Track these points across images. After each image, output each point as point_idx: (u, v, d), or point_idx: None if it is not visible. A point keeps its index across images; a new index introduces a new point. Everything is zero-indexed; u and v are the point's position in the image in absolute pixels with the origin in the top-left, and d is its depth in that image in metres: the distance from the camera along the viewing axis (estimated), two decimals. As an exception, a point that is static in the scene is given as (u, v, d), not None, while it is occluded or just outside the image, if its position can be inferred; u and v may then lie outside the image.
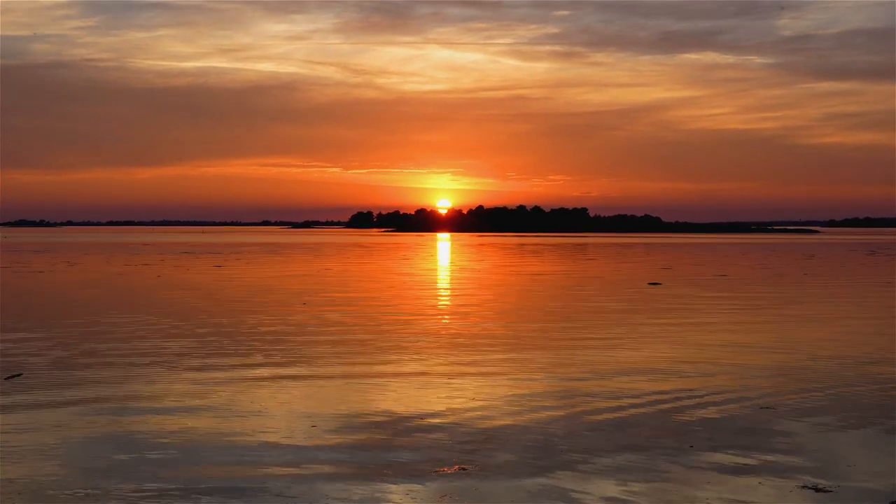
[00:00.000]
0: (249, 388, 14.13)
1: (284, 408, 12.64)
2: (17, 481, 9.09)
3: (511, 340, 20.01)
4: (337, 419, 11.93)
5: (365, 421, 11.88)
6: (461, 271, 50.90)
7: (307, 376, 15.19)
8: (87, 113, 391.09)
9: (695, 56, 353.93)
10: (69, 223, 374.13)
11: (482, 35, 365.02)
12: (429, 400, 13.22)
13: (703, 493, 8.83)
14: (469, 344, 19.36)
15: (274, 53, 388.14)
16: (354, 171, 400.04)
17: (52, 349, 18.13)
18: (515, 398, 13.39)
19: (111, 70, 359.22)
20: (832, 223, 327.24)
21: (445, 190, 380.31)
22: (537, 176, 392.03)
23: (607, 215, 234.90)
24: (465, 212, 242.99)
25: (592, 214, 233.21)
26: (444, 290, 36.21)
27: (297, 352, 18.01)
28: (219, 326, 22.37)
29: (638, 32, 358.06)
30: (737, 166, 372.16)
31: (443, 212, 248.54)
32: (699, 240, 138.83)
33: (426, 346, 19.06)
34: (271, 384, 14.45)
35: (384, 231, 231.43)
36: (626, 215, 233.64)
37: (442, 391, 13.91)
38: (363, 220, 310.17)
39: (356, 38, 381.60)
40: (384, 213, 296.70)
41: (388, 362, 16.74)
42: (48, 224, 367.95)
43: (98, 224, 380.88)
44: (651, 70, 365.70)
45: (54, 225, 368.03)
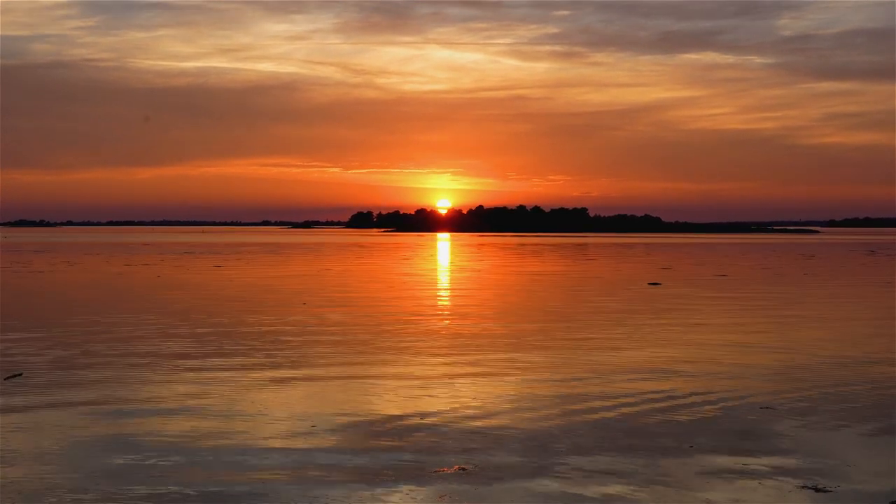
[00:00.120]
0: (249, 388, 14.13)
1: (284, 408, 12.64)
2: (17, 482, 9.09)
3: (511, 340, 20.02)
4: (337, 419, 11.93)
5: (365, 421, 11.88)
6: (461, 271, 50.91)
7: (307, 376, 15.19)
8: (87, 113, 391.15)
9: (695, 56, 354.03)
10: (69, 223, 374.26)
11: (482, 35, 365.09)
12: (428, 400, 13.22)
13: (702, 493, 8.83)
14: (469, 344, 19.36)
15: (274, 53, 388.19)
16: (354, 171, 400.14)
17: (52, 349, 18.13)
18: (515, 398, 13.39)
19: (111, 70, 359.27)
20: (832, 223, 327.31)
21: (445, 190, 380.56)
22: (537, 176, 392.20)
23: (607, 215, 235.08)
24: (465, 212, 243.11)
25: (592, 214, 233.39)
26: (443, 290, 36.22)
27: (298, 352, 18.01)
28: (219, 326, 22.37)
29: (638, 32, 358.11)
30: (737, 166, 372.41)
31: (443, 212, 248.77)
32: (699, 240, 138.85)
33: (426, 346, 19.06)
34: (271, 384, 14.45)
35: (384, 231, 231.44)
36: (626, 215, 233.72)
37: (442, 391, 13.91)
38: (363, 220, 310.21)
39: (356, 38, 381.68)
40: (384, 213, 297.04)
41: (387, 362, 16.75)
42: (48, 224, 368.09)
43: (98, 224, 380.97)
44: (651, 70, 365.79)
45: (54, 225, 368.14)
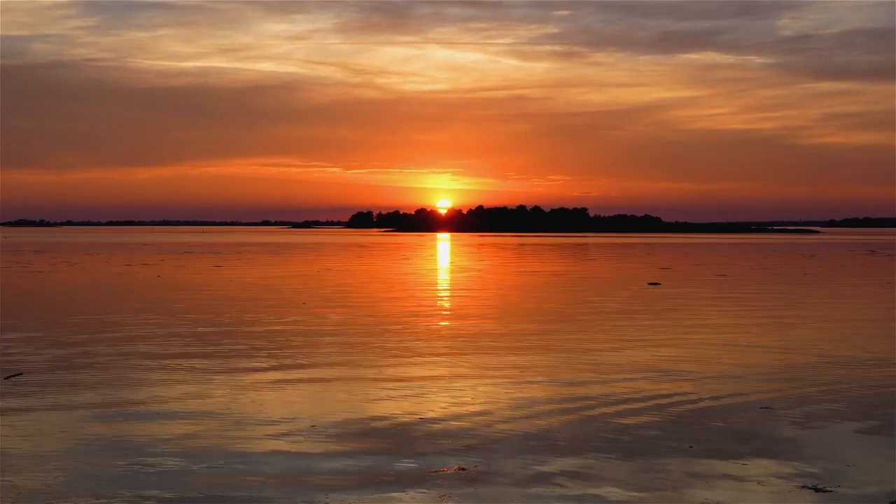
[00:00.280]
0: (249, 388, 14.13)
1: (284, 408, 12.64)
2: (16, 482, 9.09)
3: (511, 341, 20.01)
4: (337, 419, 11.93)
5: (364, 421, 11.87)
6: (461, 271, 50.90)
7: (307, 376, 15.19)
8: (87, 113, 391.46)
9: (695, 56, 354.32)
10: (69, 223, 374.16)
11: (482, 35, 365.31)
12: (428, 400, 13.22)
13: (702, 493, 8.82)
14: (469, 344, 19.36)
15: (274, 53, 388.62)
16: (354, 171, 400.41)
17: (52, 349, 18.12)
18: (515, 398, 13.38)
19: (111, 70, 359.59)
20: (832, 223, 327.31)
21: (445, 190, 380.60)
22: (537, 176, 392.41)
23: (607, 215, 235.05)
24: (465, 212, 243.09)
25: (592, 214, 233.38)
26: (443, 291, 36.21)
27: (298, 352, 18.00)
28: (219, 326, 22.36)
29: (638, 32, 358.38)
30: (737, 166, 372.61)
31: (443, 212, 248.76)
32: (699, 240, 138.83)
33: (426, 346, 19.06)
34: (271, 384, 14.44)
35: (384, 231, 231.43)
36: (626, 215, 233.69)
37: (442, 391, 13.90)
38: (363, 220, 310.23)
39: (356, 38, 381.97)
40: (384, 213, 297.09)
41: (387, 362, 16.74)
42: (48, 224, 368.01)
43: (98, 224, 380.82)
44: (651, 70, 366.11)
45: (54, 225, 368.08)
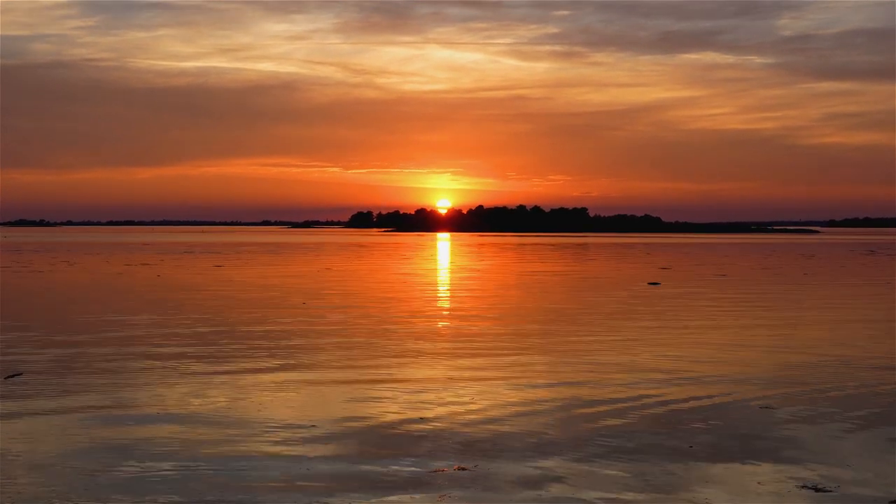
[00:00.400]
0: (250, 389, 14.13)
1: (285, 409, 12.64)
2: (16, 484, 9.08)
3: (511, 341, 20.01)
4: (337, 419, 11.93)
5: (364, 421, 11.87)
6: (461, 271, 50.90)
7: (307, 376, 15.18)
8: (87, 113, 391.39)
9: (695, 56, 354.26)
10: (69, 223, 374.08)
11: (482, 35, 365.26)
12: (428, 400, 13.22)
13: (702, 493, 8.82)
14: (469, 344, 19.36)
15: (274, 53, 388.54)
16: (354, 171, 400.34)
17: (51, 349, 18.12)
18: (515, 398, 13.38)
19: (111, 70, 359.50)
20: (832, 223, 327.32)
21: (445, 190, 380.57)
22: (537, 176, 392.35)
23: (607, 215, 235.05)
24: (464, 212, 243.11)
25: (592, 214, 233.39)
26: (444, 291, 36.21)
27: (298, 352, 18.00)
28: (219, 327, 22.36)
29: (638, 32, 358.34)
30: (737, 166, 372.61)
31: (443, 212, 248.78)
32: (699, 240, 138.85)
33: (426, 346, 19.06)
34: (271, 385, 14.44)
35: (384, 231, 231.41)
36: (625, 215, 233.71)
37: (442, 391, 13.90)
38: (363, 219, 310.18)
39: (356, 38, 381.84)
40: (384, 212, 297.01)
41: (387, 362, 16.74)
42: (48, 224, 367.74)
43: (98, 224, 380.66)
44: (651, 70, 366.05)
45: (54, 225, 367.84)
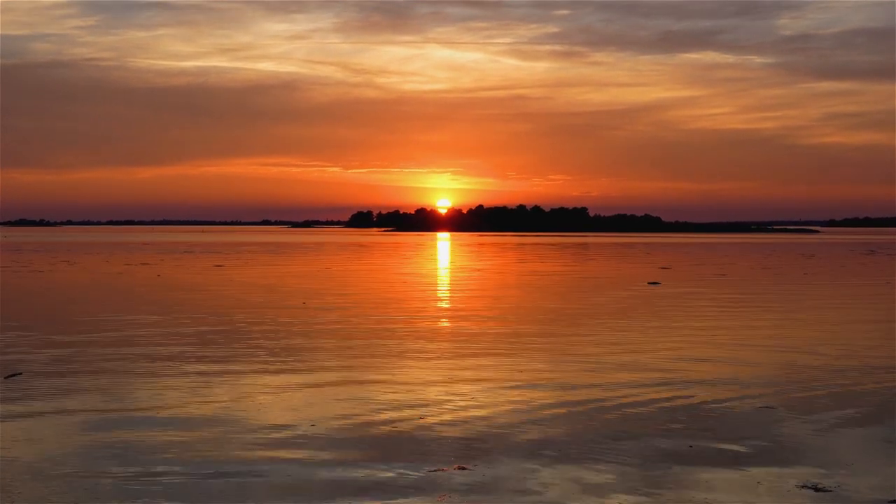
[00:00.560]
0: (250, 389, 14.13)
1: (285, 409, 12.64)
2: (15, 483, 9.08)
3: (511, 340, 20.01)
4: (336, 419, 11.92)
5: (364, 419, 11.87)
6: (461, 271, 50.91)
7: (307, 376, 15.18)
8: (87, 112, 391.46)
9: (695, 56, 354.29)
10: (69, 223, 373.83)
11: (482, 34, 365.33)
12: (428, 400, 13.22)
13: (701, 493, 8.82)
14: (469, 344, 19.36)
15: (274, 53, 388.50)
16: (354, 171, 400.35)
17: (51, 348, 18.12)
18: (515, 397, 13.38)
19: (111, 69, 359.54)
20: (832, 223, 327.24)
21: (445, 189, 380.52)
22: (537, 175, 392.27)
23: (607, 215, 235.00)
24: (464, 211, 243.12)
25: (592, 214, 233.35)
26: (444, 290, 36.22)
27: (298, 352, 18.00)
28: (219, 326, 22.36)
29: (638, 32, 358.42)
30: (737, 166, 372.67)
31: (443, 211, 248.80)
32: (699, 239, 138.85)
33: (426, 346, 19.06)
34: (271, 385, 14.44)
35: (384, 231, 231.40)
36: (625, 215, 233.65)
37: (441, 390, 13.90)
38: (363, 219, 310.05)
39: (356, 38, 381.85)
40: (384, 212, 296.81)
41: (387, 362, 16.74)
42: (48, 223, 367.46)
43: (98, 223, 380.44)
44: (651, 70, 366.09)
45: (54, 224, 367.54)
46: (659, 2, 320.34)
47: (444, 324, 23.57)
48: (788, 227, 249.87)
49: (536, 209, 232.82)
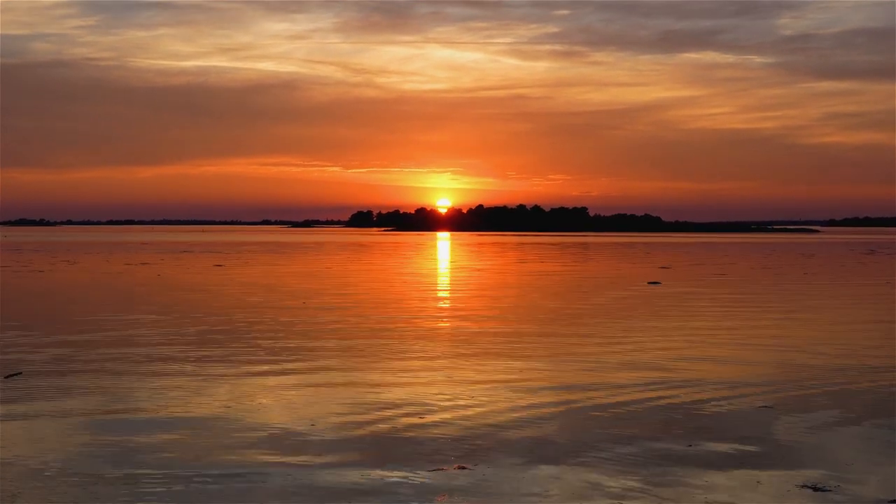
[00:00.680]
0: (250, 386, 14.13)
1: (284, 408, 12.64)
2: (14, 484, 9.09)
3: (511, 339, 20.01)
4: (336, 418, 11.93)
5: (364, 419, 11.87)
6: (461, 271, 50.90)
7: (307, 376, 15.19)
8: (87, 112, 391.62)
9: (695, 55, 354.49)
10: (69, 222, 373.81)
11: (482, 34, 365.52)
12: (428, 399, 13.22)
13: (701, 492, 8.82)
14: (469, 342, 19.36)
15: (274, 53, 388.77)
16: (354, 171, 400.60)
17: (51, 348, 18.12)
18: (515, 397, 13.38)
19: (111, 69, 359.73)
20: (832, 223, 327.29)
21: (445, 189, 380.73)
22: (537, 175, 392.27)
23: (607, 215, 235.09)
24: (464, 211, 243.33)
25: (592, 214, 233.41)
26: (444, 290, 36.21)
27: (298, 350, 18.01)
28: (219, 325, 22.36)
29: (638, 32, 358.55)
30: (737, 166, 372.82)
31: (443, 211, 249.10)
32: (699, 239, 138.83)
33: (426, 344, 19.06)
34: (271, 384, 14.45)
35: (384, 230, 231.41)
36: (625, 215, 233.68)
37: (441, 390, 13.90)
38: (363, 219, 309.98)
39: (356, 38, 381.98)
40: (384, 212, 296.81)
41: (387, 361, 16.74)
42: (48, 223, 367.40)
43: (98, 223, 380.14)
44: (651, 69, 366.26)
45: (54, 224, 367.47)
46: (659, 2, 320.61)
47: (444, 324, 23.57)
48: (788, 227, 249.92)
49: (536, 209, 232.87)
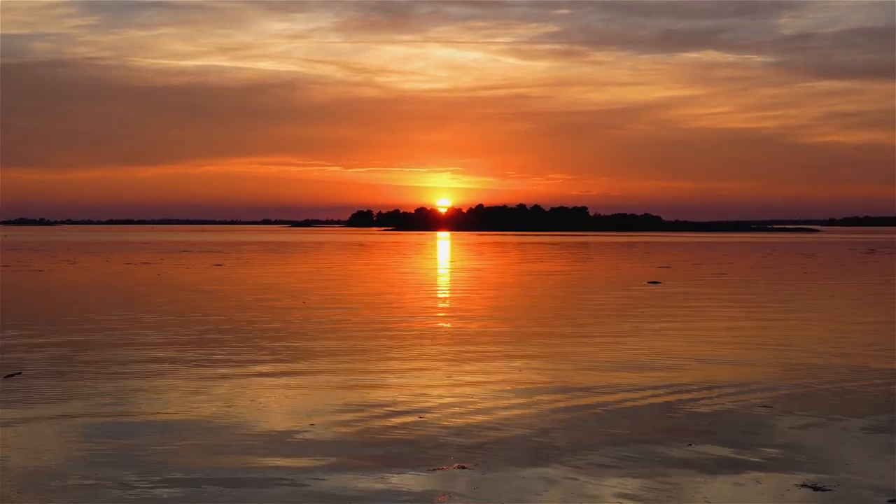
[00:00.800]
0: (249, 386, 14.13)
1: (284, 406, 12.64)
2: (15, 483, 9.09)
3: (511, 339, 20.01)
4: (336, 418, 11.93)
5: (364, 419, 11.87)
6: (461, 271, 50.90)
7: (307, 375, 15.19)
8: (87, 112, 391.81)
9: (695, 55, 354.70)
10: (69, 222, 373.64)
11: (482, 34, 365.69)
12: (428, 398, 13.22)
13: (701, 491, 8.83)
14: (469, 342, 19.36)
15: (274, 52, 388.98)
16: (354, 170, 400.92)
17: (51, 348, 18.12)
18: (515, 396, 13.38)
19: (112, 69, 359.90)
20: (832, 222, 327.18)
21: (445, 189, 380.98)
22: (537, 175, 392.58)
23: (607, 214, 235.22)
24: (464, 210, 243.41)
25: (592, 213, 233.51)
26: (444, 289, 36.21)
27: (297, 351, 18.01)
28: (218, 325, 22.36)
29: (638, 31, 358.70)
30: (737, 165, 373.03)
31: (443, 210, 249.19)
32: (699, 239, 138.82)
33: (426, 344, 19.06)
34: (271, 382, 14.44)
35: (384, 230, 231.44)
36: (625, 214, 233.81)
37: (442, 390, 13.90)
38: (363, 218, 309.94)
39: (356, 37, 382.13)
40: (384, 211, 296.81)
41: (387, 361, 16.74)
42: (48, 223, 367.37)
43: (98, 223, 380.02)
44: (651, 69, 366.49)
45: (54, 223, 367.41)
46: (659, 1, 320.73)
47: (444, 324, 23.56)
48: (788, 227, 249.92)
49: (536, 208, 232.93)
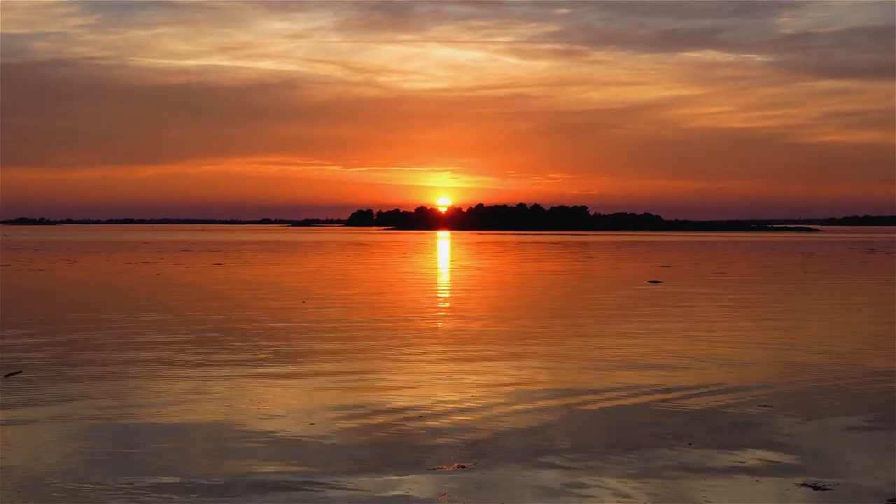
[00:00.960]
0: (249, 386, 14.13)
1: (284, 406, 12.64)
2: (14, 483, 9.09)
3: (511, 338, 20.01)
4: (336, 418, 11.93)
5: (364, 419, 11.88)
6: (461, 270, 50.90)
7: (307, 375, 15.19)
8: (87, 111, 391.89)
9: (695, 54, 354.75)
10: (69, 221, 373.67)
11: (482, 33, 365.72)
12: (428, 398, 13.22)
13: (701, 491, 8.83)
14: (469, 341, 19.36)
15: (274, 51, 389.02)
16: (354, 170, 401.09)
17: (51, 347, 18.12)
18: (515, 396, 13.39)
19: (112, 68, 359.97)
20: (832, 221, 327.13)
21: (445, 188, 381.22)
22: (537, 174, 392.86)
23: (607, 213, 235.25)
24: (464, 210, 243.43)
25: (592, 213, 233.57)
26: (444, 288, 36.21)
27: (297, 350, 18.01)
28: (218, 324, 22.37)
29: (638, 31, 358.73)
30: (737, 165, 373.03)
31: (443, 210, 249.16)
32: (699, 238, 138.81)
33: (426, 343, 19.06)
34: (271, 383, 14.45)
35: (384, 229, 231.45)
36: (625, 213, 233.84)
37: (442, 389, 13.91)
38: (363, 218, 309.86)
39: (356, 37, 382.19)
40: (384, 211, 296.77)
41: (387, 360, 16.75)
42: (48, 222, 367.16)
43: (98, 222, 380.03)
44: (651, 68, 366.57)
45: (54, 223, 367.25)
46: (659, 1, 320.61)
47: (445, 323, 23.56)
48: (788, 226, 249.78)
49: (536, 208, 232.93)
